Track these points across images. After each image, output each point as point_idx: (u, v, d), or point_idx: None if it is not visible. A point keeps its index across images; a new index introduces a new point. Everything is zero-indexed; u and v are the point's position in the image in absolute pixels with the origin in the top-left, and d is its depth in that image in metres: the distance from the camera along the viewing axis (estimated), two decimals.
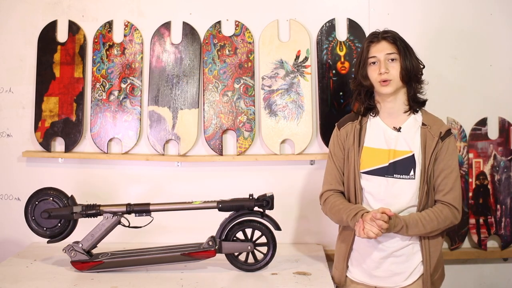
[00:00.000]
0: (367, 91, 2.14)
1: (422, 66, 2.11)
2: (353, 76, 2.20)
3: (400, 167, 2.05)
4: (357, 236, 2.00)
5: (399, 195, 2.04)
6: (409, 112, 2.10)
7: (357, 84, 2.14)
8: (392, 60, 2.05)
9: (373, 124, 2.14)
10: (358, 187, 2.09)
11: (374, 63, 2.07)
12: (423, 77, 2.12)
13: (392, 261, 2.07)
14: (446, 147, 2.04)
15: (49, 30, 2.62)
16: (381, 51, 2.06)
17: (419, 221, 1.99)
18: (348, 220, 2.04)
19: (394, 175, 2.05)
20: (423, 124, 2.08)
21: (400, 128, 2.09)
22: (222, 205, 2.20)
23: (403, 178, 2.04)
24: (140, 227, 2.25)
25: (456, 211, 2.03)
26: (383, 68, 2.04)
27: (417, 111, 2.11)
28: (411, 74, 2.05)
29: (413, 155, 2.05)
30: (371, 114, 2.15)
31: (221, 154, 2.58)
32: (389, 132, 2.10)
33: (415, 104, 2.10)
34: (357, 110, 2.18)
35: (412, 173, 2.04)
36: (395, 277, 2.08)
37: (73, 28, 2.62)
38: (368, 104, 2.14)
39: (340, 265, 2.19)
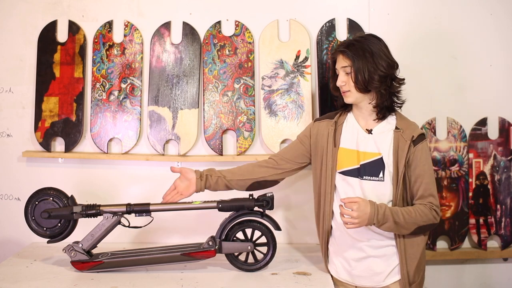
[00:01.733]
0: None
1: (387, 75, 2.04)
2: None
3: (369, 169, 2.07)
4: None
5: (370, 196, 2.06)
6: (377, 120, 2.12)
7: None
8: (348, 73, 2.07)
9: (349, 124, 2.16)
10: (332, 187, 2.13)
11: (338, 75, 2.12)
12: (400, 84, 2.11)
13: (371, 261, 2.09)
14: (419, 153, 2.05)
15: (49, 30, 2.62)
16: (338, 64, 2.10)
17: (399, 210, 1.99)
18: None
19: (364, 176, 2.08)
20: (396, 128, 2.09)
21: (371, 130, 2.11)
22: (222, 205, 2.20)
23: (372, 180, 2.07)
24: (140, 227, 2.25)
25: (434, 211, 2.03)
26: (339, 81, 2.10)
27: (388, 115, 2.12)
28: (368, 85, 2.04)
29: (382, 157, 2.07)
30: (346, 110, 2.19)
31: (221, 154, 2.58)
32: (361, 134, 2.12)
33: (383, 111, 2.10)
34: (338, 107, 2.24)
35: (381, 175, 2.06)
36: (375, 276, 2.09)
37: (73, 28, 2.62)
38: (342, 104, 2.19)
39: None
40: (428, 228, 2.06)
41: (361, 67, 2.03)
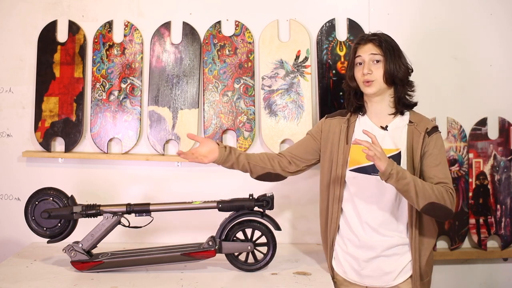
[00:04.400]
0: (356, 92, 2.16)
1: (410, 70, 2.11)
2: (346, 77, 2.22)
3: None
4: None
5: (384, 192, 2.05)
6: (394, 114, 2.12)
7: (347, 85, 2.17)
8: (377, 61, 2.07)
9: (361, 123, 2.15)
10: (342, 184, 2.11)
11: (360, 63, 2.10)
12: (414, 82, 2.12)
13: (380, 260, 2.08)
14: (433, 142, 2.05)
15: (49, 30, 2.62)
16: (366, 52, 2.08)
17: (417, 179, 1.95)
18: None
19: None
20: (410, 122, 2.10)
21: (386, 126, 2.11)
22: (222, 205, 2.20)
23: None
24: (140, 227, 2.25)
25: (450, 195, 1.97)
26: (366, 69, 2.06)
27: (403, 113, 2.13)
28: (395, 77, 2.06)
29: (400, 152, 2.06)
30: (360, 113, 2.17)
31: None
32: (376, 131, 2.11)
33: (402, 106, 2.11)
34: (348, 108, 2.21)
35: None
36: (384, 276, 2.09)
37: (73, 28, 2.62)
38: (356, 103, 2.16)
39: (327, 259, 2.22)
40: (440, 210, 1.96)
41: (392, 57, 2.06)
